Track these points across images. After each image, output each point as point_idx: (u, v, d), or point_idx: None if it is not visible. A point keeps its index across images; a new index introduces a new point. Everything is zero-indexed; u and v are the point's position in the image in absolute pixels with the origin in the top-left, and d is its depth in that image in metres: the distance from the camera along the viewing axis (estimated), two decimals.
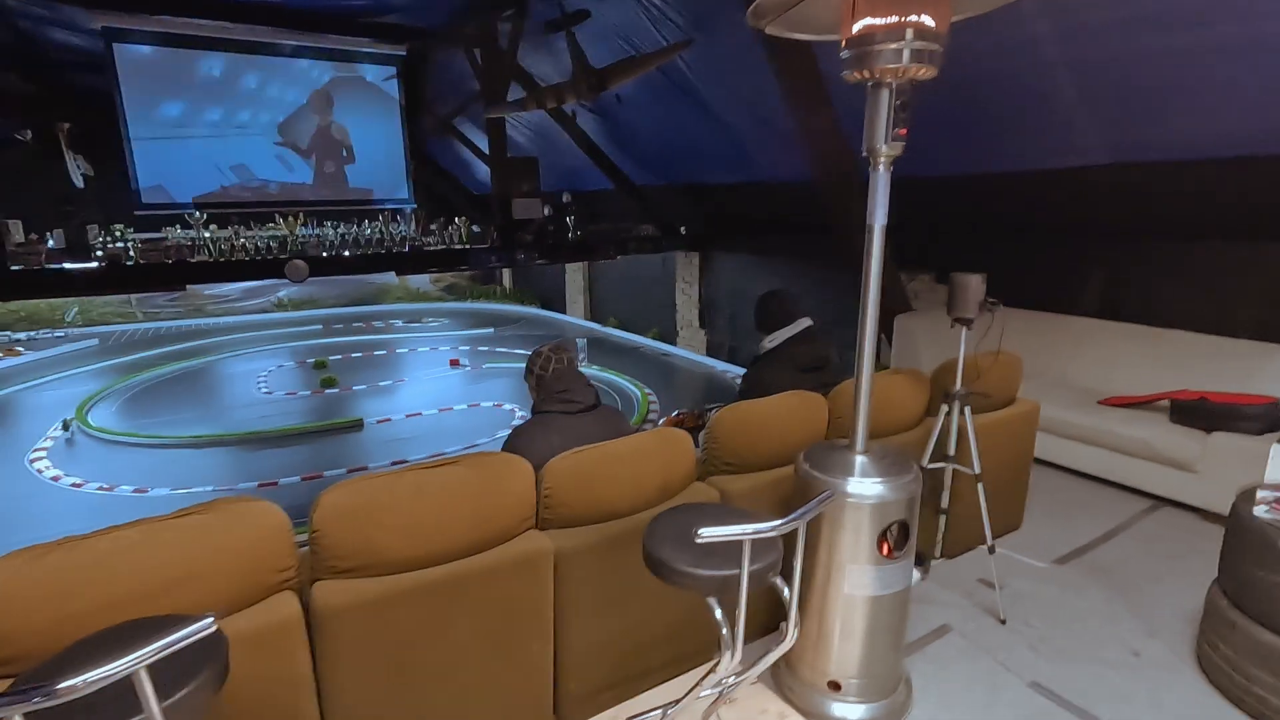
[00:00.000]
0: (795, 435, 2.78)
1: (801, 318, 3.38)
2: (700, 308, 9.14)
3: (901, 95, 2.01)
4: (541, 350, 2.79)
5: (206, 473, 5.61)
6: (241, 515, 1.82)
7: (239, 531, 1.80)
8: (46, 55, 7.16)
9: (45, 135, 7.30)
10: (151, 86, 6.78)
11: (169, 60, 6.81)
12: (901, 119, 2.02)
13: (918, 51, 1.90)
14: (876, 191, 2.15)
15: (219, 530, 1.78)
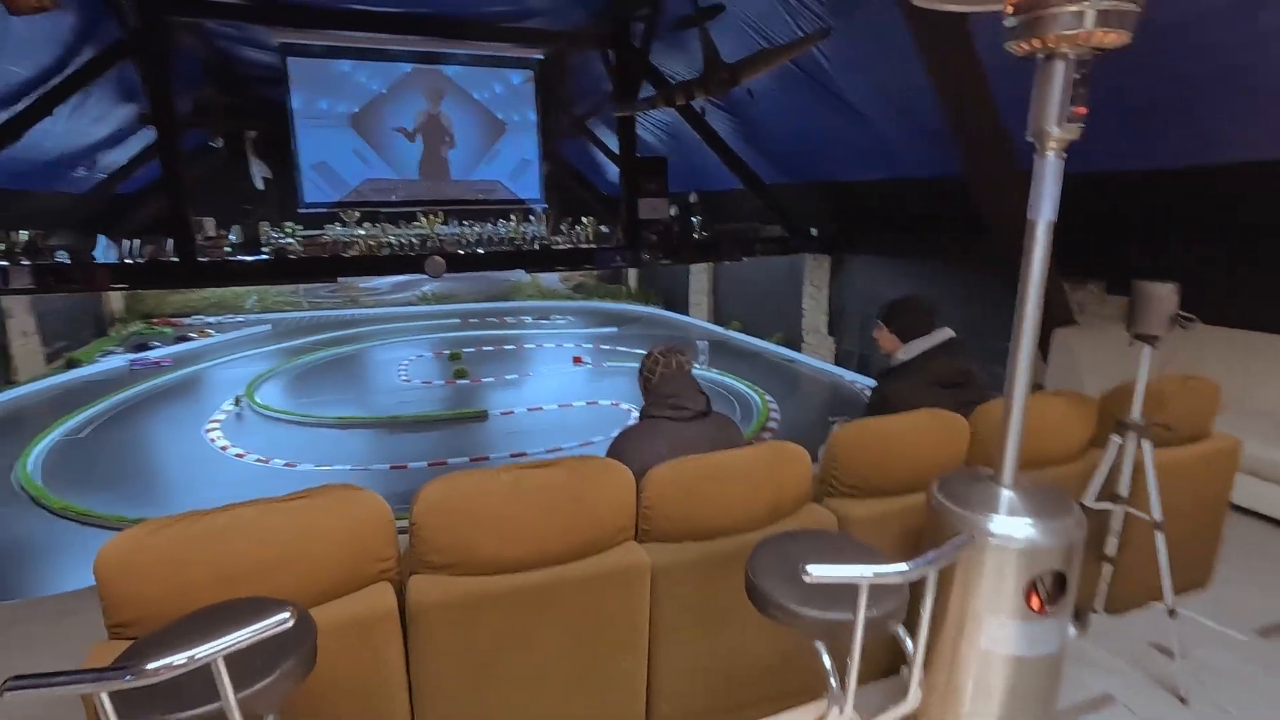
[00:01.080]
0: (929, 459, 2.48)
1: (942, 327, 3.03)
2: (829, 313, 8.69)
3: (1082, 67, 1.69)
4: (653, 351, 2.68)
5: (348, 452, 6.05)
6: (347, 503, 1.85)
7: (343, 519, 1.83)
8: (239, 70, 8.07)
9: (234, 142, 8.23)
10: (314, 95, 7.48)
11: (327, 70, 7.49)
12: (1080, 95, 1.70)
13: (1106, 13, 1.58)
14: (1043, 182, 1.83)
15: (325, 515, 1.82)
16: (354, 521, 1.85)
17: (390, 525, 1.91)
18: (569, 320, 12.43)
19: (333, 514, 1.83)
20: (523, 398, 7.67)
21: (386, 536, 1.89)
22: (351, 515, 1.85)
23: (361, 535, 1.85)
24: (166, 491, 5.24)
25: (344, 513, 1.84)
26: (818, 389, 8.15)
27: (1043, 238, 1.89)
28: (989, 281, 6.37)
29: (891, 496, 2.43)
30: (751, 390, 7.72)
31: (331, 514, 1.83)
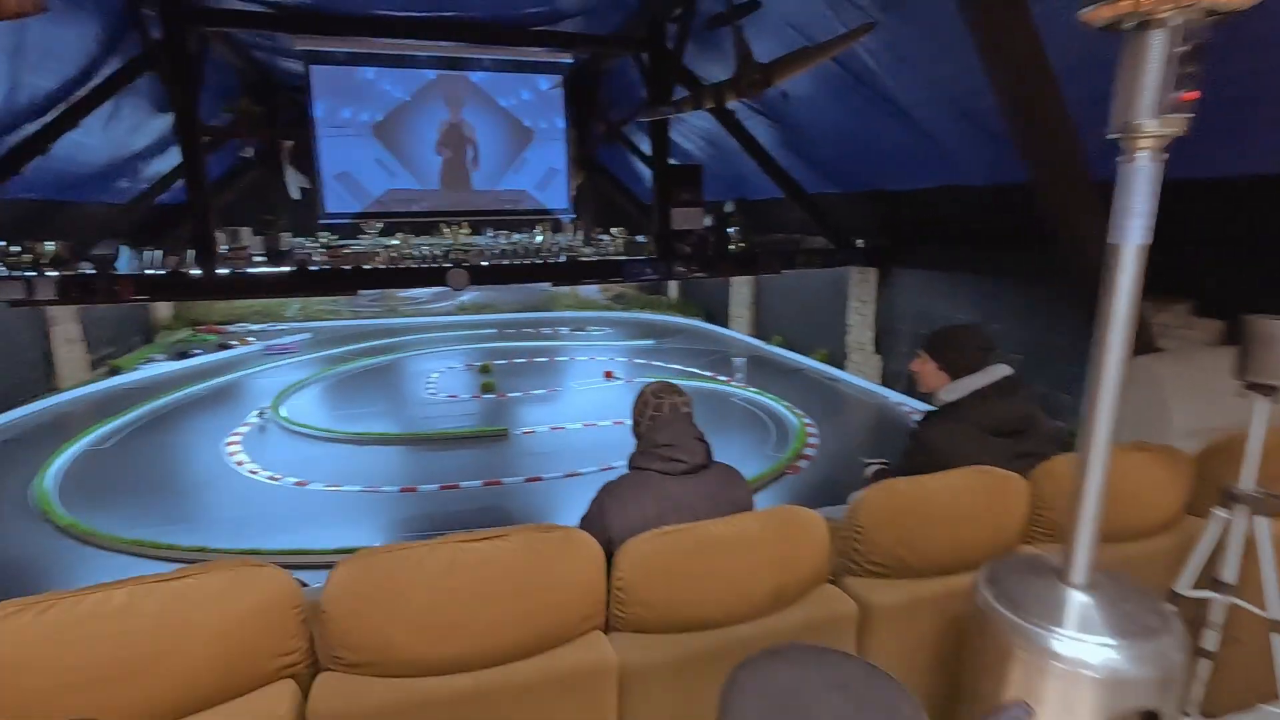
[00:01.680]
0: (977, 533, 2.02)
1: (998, 363, 2.55)
2: (876, 330, 8.12)
3: (1191, 37, 1.25)
4: (645, 390, 2.30)
5: (362, 470, 5.84)
6: (241, 584, 1.52)
7: (236, 604, 1.50)
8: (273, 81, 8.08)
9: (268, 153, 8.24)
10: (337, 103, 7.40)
11: (350, 78, 7.40)
12: (1188, 75, 1.25)
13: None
14: (1132, 194, 1.39)
15: (213, 600, 1.49)
16: (249, 607, 1.51)
17: (295, 611, 1.57)
18: (605, 332, 12.13)
19: (224, 598, 1.50)
20: (548, 415, 7.37)
21: (290, 626, 1.55)
22: (246, 599, 1.52)
23: (258, 624, 1.52)
24: (169, 511, 5.11)
25: (237, 596, 1.51)
26: (862, 411, 7.60)
27: (1131, 267, 1.44)
28: (1053, 298, 5.76)
29: (928, 579, 1.98)
30: (789, 411, 7.23)
31: (222, 598, 1.50)
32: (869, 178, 7.14)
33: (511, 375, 9.07)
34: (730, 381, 8.36)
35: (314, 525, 4.83)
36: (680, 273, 7.18)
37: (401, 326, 12.67)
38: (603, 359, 9.94)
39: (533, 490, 5.42)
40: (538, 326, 12.62)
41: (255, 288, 6.24)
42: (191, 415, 7.62)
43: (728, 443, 6.47)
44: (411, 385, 8.68)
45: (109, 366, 9.27)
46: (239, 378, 9.25)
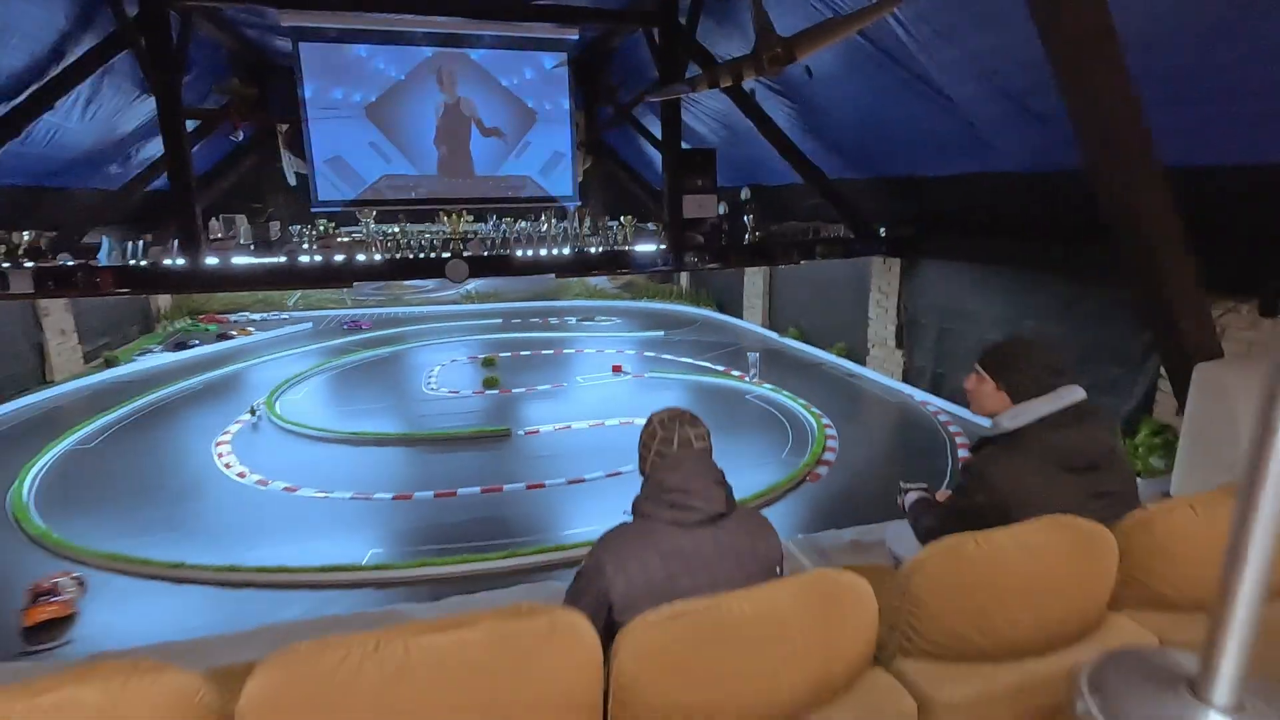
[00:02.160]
0: (1061, 603, 1.65)
1: (1069, 384, 2.16)
2: (899, 324, 7.70)
3: None
4: (653, 419, 1.93)
5: (355, 474, 5.53)
6: (128, 697, 1.18)
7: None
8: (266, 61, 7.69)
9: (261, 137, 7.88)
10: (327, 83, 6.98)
11: (341, 56, 6.98)
12: None
13: None
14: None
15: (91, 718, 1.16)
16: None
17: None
18: (614, 323, 11.75)
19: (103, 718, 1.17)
20: (553, 413, 7.03)
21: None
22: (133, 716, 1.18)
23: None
24: (150, 519, 4.82)
25: (120, 716, 1.17)
26: (883, 411, 7.20)
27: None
28: (1094, 295, 5.32)
29: (1000, 663, 1.61)
30: (806, 411, 6.85)
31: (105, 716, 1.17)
32: (896, 163, 6.69)
33: (517, 369, 8.73)
34: (744, 378, 7.97)
35: (300, 536, 4.53)
36: (692, 264, 6.78)
37: (406, 316, 12.35)
38: (611, 351, 9.57)
39: (534, 498, 5.09)
40: (545, 316, 12.26)
41: (241, 280, 5.91)
42: (184, 411, 7.34)
43: (740, 446, 6.10)
44: (411, 380, 8.36)
45: (104, 358, 9.01)
46: (238, 370, 8.97)
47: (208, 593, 3.91)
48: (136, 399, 7.57)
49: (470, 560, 4.09)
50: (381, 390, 7.95)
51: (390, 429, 6.52)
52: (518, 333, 11.15)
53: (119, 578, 4.03)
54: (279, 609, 3.76)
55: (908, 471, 5.56)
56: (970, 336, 6.72)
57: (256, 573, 4.03)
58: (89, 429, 6.62)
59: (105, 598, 3.84)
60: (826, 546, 3.40)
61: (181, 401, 7.68)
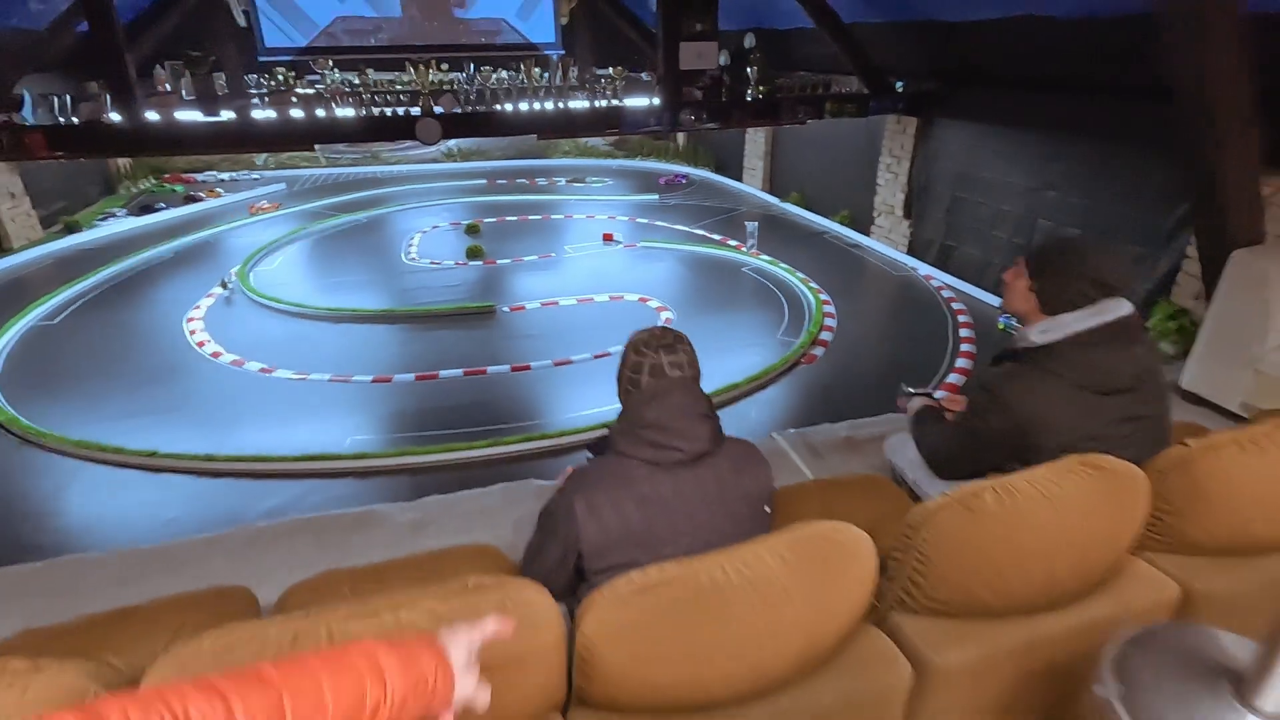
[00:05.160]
0: (1082, 554, 1.47)
1: (1117, 296, 1.87)
2: (909, 192, 7.19)
3: None
4: (632, 339, 1.66)
5: (332, 354, 5.32)
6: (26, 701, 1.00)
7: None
8: None
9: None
10: None
11: None
12: None
13: None
14: None
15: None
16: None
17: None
18: (606, 184, 11.08)
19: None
20: (540, 287, 6.72)
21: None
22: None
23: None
24: (123, 403, 4.66)
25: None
26: (886, 285, 6.90)
27: None
28: (1130, 164, 4.85)
29: (1004, 620, 1.46)
30: (803, 285, 6.55)
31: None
32: (922, 3, 5.89)
33: (502, 237, 8.28)
34: (741, 248, 7.59)
35: (278, 421, 4.40)
36: (689, 123, 6.17)
37: (385, 176, 11.61)
38: (602, 217, 9.07)
39: (519, 381, 4.93)
40: (532, 176, 11.55)
41: (188, 142, 5.34)
42: (153, 282, 7.00)
43: (734, 325, 5.88)
44: (391, 248, 7.94)
45: (63, 223, 8.49)
46: (208, 236, 8.51)
47: (184, 482, 3.83)
48: (103, 269, 7.19)
49: (453, 449, 3.98)
50: (359, 261, 7.57)
51: (369, 304, 6.23)
52: (503, 195, 10.54)
53: (91, 466, 3.92)
54: (258, 499, 3.69)
55: (908, 353, 5.38)
56: (985, 208, 6.27)
57: (234, 461, 3.93)
58: (53, 302, 6.31)
59: (78, 488, 3.76)
60: (818, 442, 3.26)
61: (150, 271, 7.31)
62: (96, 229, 8.52)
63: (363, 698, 0.72)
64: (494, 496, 2.89)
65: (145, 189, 10.51)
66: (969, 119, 6.36)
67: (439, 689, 0.80)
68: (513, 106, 6.06)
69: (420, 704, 0.77)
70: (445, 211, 9.48)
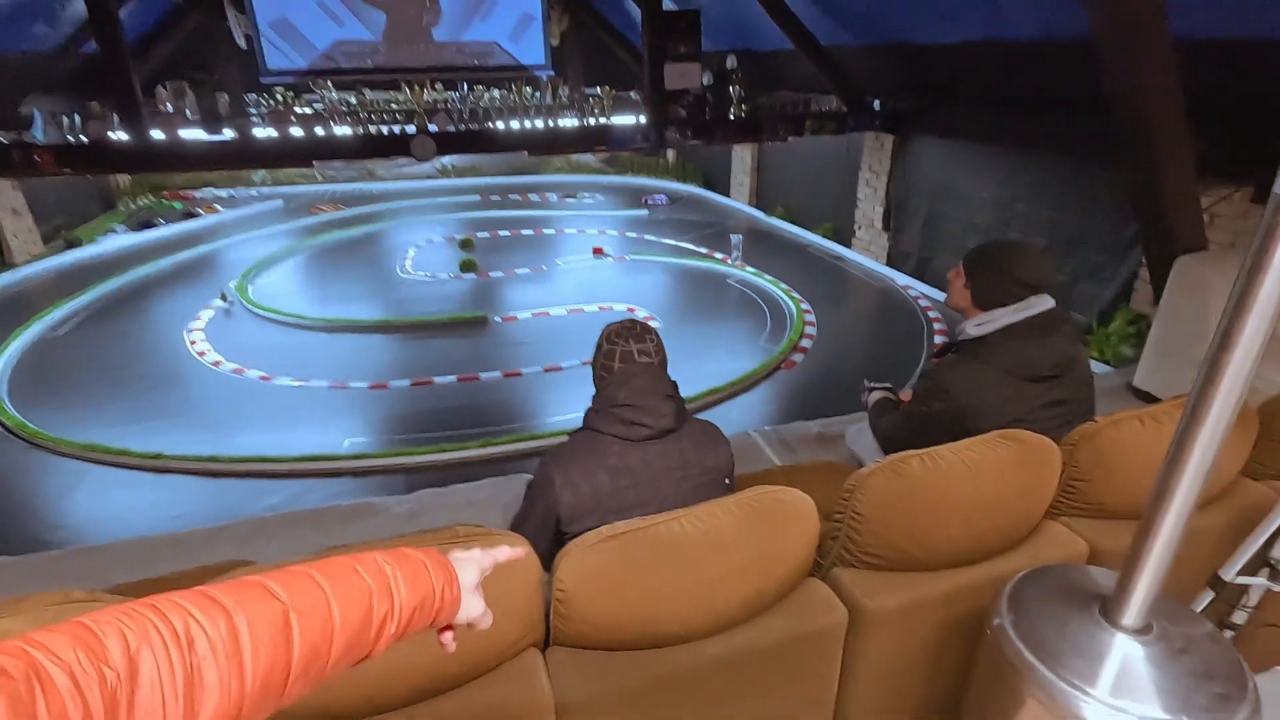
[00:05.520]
0: (999, 514, 1.68)
1: (1040, 292, 2.10)
2: (887, 205, 7.47)
3: None
4: (604, 333, 1.87)
5: (330, 362, 5.51)
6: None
7: None
8: None
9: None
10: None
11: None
12: None
13: None
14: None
15: None
16: None
17: None
18: (597, 199, 11.35)
19: None
20: (532, 298, 6.93)
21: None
22: None
23: None
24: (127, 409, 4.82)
25: None
26: (866, 295, 7.15)
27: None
28: (1090, 176, 5.12)
29: (934, 572, 1.67)
30: (785, 295, 6.79)
31: None
32: (894, 27, 6.18)
33: (495, 250, 8.51)
34: (726, 260, 7.83)
35: (278, 426, 4.58)
36: (673, 140, 6.43)
37: (380, 193, 11.85)
38: (593, 232, 9.32)
39: (511, 386, 5.12)
40: (525, 192, 11.81)
41: (192, 160, 5.55)
42: (154, 295, 7.18)
43: (718, 332, 6.09)
44: (387, 261, 8.15)
45: (64, 239, 8.67)
46: (207, 251, 8.70)
47: (188, 482, 4.00)
48: (104, 282, 7.37)
49: (446, 449, 4.16)
50: (356, 274, 7.77)
51: (365, 315, 6.43)
52: (497, 210, 10.78)
53: (98, 468, 4.09)
54: (259, 498, 3.86)
55: (884, 359, 5.62)
56: (958, 220, 6.54)
57: (236, 462, 4.10)
58: (56, 314, 6.49)
59: (85, 489, 3.92)
60: (791, 438, 3.46)
61: (151, 285, 7.50)
62: (97, 244, 8.71)
63: (370, 612, 0.69)
64: (485, 489, 3.08)
65: (144, 205, 10.71)
66: (942, 135, 6.65)
67: (445, 605, 0.80)
68: (504, 125, 6.30)
69: (425, 618, 0.78)
70: (440, 226, 9.71)
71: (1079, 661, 1.21)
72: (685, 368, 4.74)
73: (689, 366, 5.01)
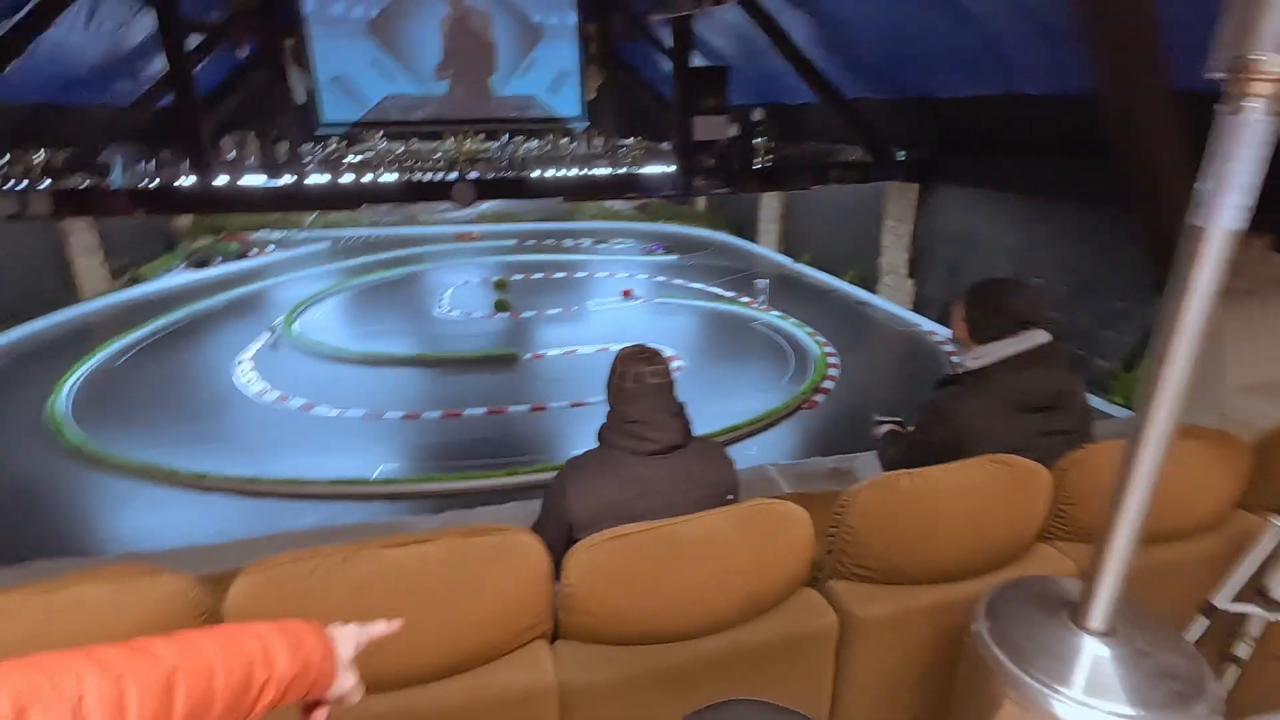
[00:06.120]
0: (989, 534, 1.76)
1: (1036, 328, 2.20)
2: (912, 252, 7.59)
3: None
4: (617, 356, 2.02)
5: (367, 393, 5.77)
6: (128, 594, 1.35)
7: (122, 617, 1.35)
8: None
9: (267, 53, 7.72)
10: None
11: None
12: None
13: None
14: (1234, 156, 1.01)
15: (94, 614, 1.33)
16: (138, 621, 1.36)
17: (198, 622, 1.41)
18: (628, 245, 11.68)
19: (106, 613, 1.35)
20: (561, 337, 7.16)
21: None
22: (134, 612, 1.36)
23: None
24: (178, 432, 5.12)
25: (123, 610, 1.35)
26: (890, 340, 7.21)
27: (1215, 259, 1.08)
28: (1108, 224, 5.20)
29: (923, 586, 1.75)
30: (809, 338, 6.89)
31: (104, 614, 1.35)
32: (914, 82, 6.41)
33: (528, 292, 8.81)
34: (752, 304, 7.99)
35: (316, 451, 4.80)
36: (700, 187, 6.69)
37: (420, 236, 12.37)
38: (624, 275, 9.59)
39: (537, 420, 5.30)
40: (559, 237, 12.22)
41: (251, 203, 5.99)
42: (207, 328, 7.61)
43: (742, 372, 6.21)
44: (425, 301, 8.51)
45: (130, 276, 9.26)
46: (258, 289, 9.19)
47: (231, 501, 4.22)
48: (162, 316, 7.84)
49: (473, 477, 4.32)
50: (395, 311, 8.13)
51: (402, 350, 6.72)
52: (531, 255, 11.16)
53: (150, 486, 4.34)
54: (295, 518, 4.05)
55: (906, 401, 5.66)
56: (982, 266, 6.62)
57: (275, 484, 4.31)
58: (118, 345, 6.92)
59: (138, 504, 4.17)
60: (806, 473, 3.53)
61: (205, 319, 7.94)
62: (158, 281, 9.28)
63: (250, 678, 0.74)
64: (508, 511, 3.21)
65: (202, 245, 11.37)
66: (965, 184, 6.79)
67: (321, 676, 0.83)
68: (540, 172, 6.65)
69: (302, 687, 0.81)
70: (477, 269, 10.09)
71: (1050, 662, 1.28)
72: (708, 406, 4.88)
73: (712, 405, 5.13)
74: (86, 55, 6.65)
